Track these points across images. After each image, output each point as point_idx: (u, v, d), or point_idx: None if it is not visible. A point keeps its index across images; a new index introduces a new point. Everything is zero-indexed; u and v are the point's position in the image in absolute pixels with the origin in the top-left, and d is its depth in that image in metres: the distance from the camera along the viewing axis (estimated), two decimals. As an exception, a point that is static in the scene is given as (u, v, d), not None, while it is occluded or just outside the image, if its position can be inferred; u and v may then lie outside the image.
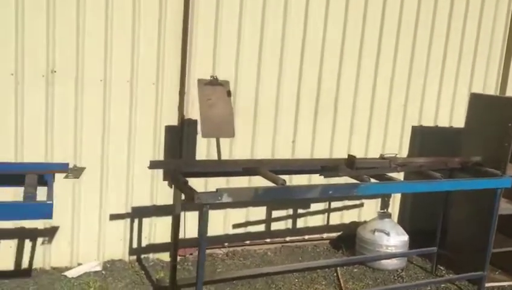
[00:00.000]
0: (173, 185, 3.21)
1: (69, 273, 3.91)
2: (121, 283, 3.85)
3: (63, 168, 2.59)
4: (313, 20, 4.56)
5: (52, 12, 3.72)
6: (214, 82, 3.56)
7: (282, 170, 3.42)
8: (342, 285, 4.10)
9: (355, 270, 4.47)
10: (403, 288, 4.06)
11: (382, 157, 3.77)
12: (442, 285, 4.27)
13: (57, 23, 3.75)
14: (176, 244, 3.39)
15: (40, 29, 3.71)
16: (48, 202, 2.15)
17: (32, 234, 3.89)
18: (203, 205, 2.83)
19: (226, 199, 2.86)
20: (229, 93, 3.59)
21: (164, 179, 3.26)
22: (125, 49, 3.98)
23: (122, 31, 3.95)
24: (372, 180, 3.40)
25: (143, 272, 4.11)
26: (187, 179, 3.01)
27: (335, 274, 4.32)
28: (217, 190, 2.85)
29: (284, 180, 3.05)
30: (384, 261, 4.50)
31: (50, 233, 3.95)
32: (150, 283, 3.93)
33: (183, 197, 3.12)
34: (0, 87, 3.65)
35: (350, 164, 3.46)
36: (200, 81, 3.55)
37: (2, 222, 3.60)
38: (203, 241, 2.91)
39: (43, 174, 2.47)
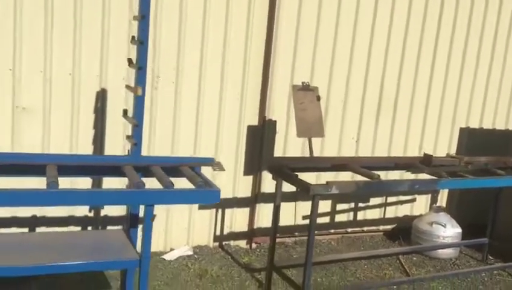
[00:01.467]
0: (278, 178, 3.66)
1: (167, 257, 4.36)
2: (215, 266, 4.31)
3: (208, 161, 3.04)
4: (379, 31, 5.01)
5: (159, 22, 4.17)
6: (305, 88, 4.02)
7: (366, 167, 3.87)
8: (408, 271, 4.57)
9: (414, 258, 4.94)
10: (463, 274, 4.53)
11: (450, 156, 4.24)
12: (495, 272, 4.74)
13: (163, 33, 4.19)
14: (275, 229, 3.84)
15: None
16: (216, 189, 2.60)
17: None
18: (314, 195, 3.29)
19: (334, 190, 3.33)
20: (318, 98, 4.04)
21: (269, 172, 3.72)
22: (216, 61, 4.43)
23: (216, 42, 4.39)
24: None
25: (229, 256, 4.57)
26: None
27: (398, 261, 4.79)
28: (327, 182, 3.32)
29: (379, 175, 3.52)
30: (440, 251, 4.97)
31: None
32: (239, 265, 4.38)
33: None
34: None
35: (427, 162, 3.93)
36: (294, 86, 4.01)
37: (111, 210, 4.09)
38: (312, 227, 3.37)
39: (194, 166, 2.91)
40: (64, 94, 3.96)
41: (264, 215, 4.88)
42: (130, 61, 3.13)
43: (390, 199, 5.50)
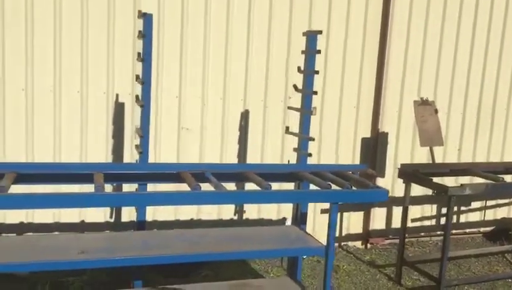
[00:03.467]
0: (409, 182, 4.21)
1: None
2: (342, 262, 4.87)
3: (363, 168, 3.64)
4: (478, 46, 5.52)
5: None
6: (424, 102, 4.58)
7: (485, 171, 4.36)
8: (518, 267, 5.00)
9: (520, 256, 5.34)
10: None
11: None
12: None
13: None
14: (404, 229, 4.38)
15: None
16: (385, 189, 3.19)
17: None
18: (451, 196, 3.82)
19: (467, 191, 3.85)
20: (436, 111, 4.59)
21: (400, 177, 4.28)
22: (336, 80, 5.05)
23: (335, 67, 5.02)
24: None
25: (351, 255, 5.13)
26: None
27: (505, 259, 5.21)
28: (461, 185, 3.85)
29: (503, 177, 4.02)
30: (545, 249, 5.35)
31: (281, 223, 5.04)
32: (364, 262, 4.93)
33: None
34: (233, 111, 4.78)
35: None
36: (415, 102, 4.59)
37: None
38: (448, 226, 3.89)
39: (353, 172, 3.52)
40: (215, 115, 4.68)
41: (377, 218, 5.42)
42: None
43: (490, 203, 5.92)
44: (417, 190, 4.72)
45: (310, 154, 3.58)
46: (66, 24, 4.18)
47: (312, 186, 3.37)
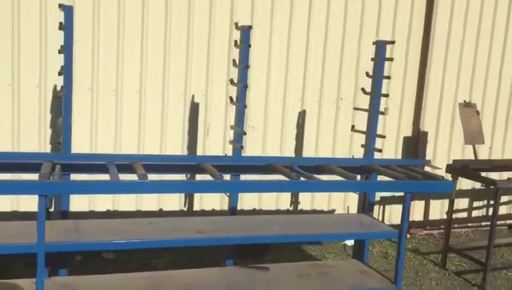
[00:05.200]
0: (458, 177, 4.69)
1: (347, 243, 5.44)
2: (389, 249, 5.35)
3: (422, 163, 4.13)
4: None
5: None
6: (467, 104, 5.08)
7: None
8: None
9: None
10: None
11: None
12: None
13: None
14: (450, 219, 4.87)
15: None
16: (451, 181, 3.68)
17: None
18: (499, 188, 4.31)
19: (512, 184, 4.35)
20: (477, 113, 5.09)
21: (449, 172, 4.76)
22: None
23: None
24: None
25: (395, 243, 5.58)
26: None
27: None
28: (508, 178, 4.34)
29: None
30: None
31: (331, 213, 5.52)
32: (408, 250, 5.42)
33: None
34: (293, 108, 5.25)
35: None
36: (460, 104, 5.08)
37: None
38: (495, 216, 4.37)
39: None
40: (276, 114, 5.15)
41: (415, 211, 5.91)
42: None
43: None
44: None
45: (380, 150, 4.06)
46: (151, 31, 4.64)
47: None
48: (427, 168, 4.27)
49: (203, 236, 3.30)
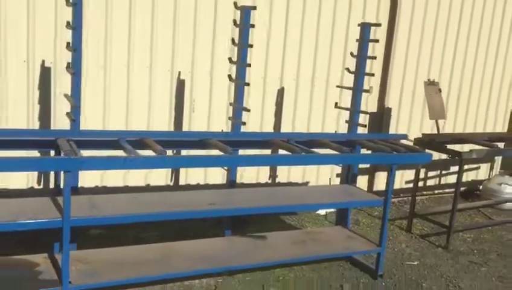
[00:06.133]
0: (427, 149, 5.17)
1: (321, 212, 5.82)
2: (359, 217, 5.79)
3: (403, 137, 4.52)
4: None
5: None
6: (431, 83, 5.55)
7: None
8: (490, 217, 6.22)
9: (489, 210, 6.56)
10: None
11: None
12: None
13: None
14: (416, 187, 5.37)
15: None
16: (430, 153, 4.10)
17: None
18: (462, 159, 4.82)
19: (474, 155, 4.87)
20: (439, 90, 5.57)
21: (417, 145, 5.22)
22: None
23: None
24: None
25: (363, 212, 6.07)
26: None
27: (480, 212, 6.42)
28: (470, 150, 4.86)
29: (496, 144, 5.09)
30: (508, 204, 6.62)
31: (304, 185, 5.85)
32: (375, 217, 5.89)
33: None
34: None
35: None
36: (425, 82, 5.53)
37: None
38: (458, 185, 4.89)
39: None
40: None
41: (380, 181, 6.39)
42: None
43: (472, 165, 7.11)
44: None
45: (365, 125, 4.40)
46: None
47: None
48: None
49: (216, 208, 3.49)
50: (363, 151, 4.44)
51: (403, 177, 6.62)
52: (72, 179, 3.49)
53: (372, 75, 4.41)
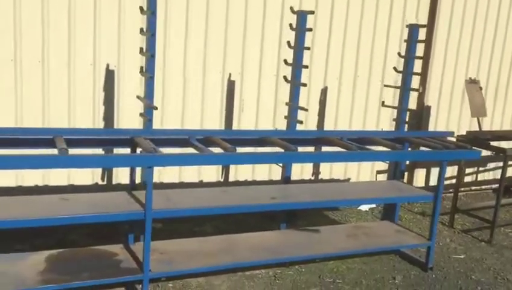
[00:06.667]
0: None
1: (362, 208, 6.00)
2: (401, 213, 5.94)
3: (449, 135, 4.67)
4: None
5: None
6: (472, 81, 5.68)
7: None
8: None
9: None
10: None
11: None
12: None
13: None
14: (458, 184, 5.50)
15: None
16: (479, 150, 4.25)
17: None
18: (507, 155, 4.95)
19: (517, 152, 4.99)
20: (480, 88, 5.70)
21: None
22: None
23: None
24: None
25: (403, 208, 6.22)
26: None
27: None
28: (514, 147, 4.99)
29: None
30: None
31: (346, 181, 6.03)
32: (415, 213, 6.04)
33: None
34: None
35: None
36: (466, 81, 5.66)
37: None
38: (502, 180, 5.01)
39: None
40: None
41: (419, 178, 6.53)
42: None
43: (499, 164, 7.19)
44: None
45: (413, 123, 4.56)
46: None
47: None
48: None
49: (278, 201, 3.70)
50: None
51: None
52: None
53: (420, 74, 4.57)
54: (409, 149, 4.55)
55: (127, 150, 3.56)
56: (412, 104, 6.32)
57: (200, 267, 3.49)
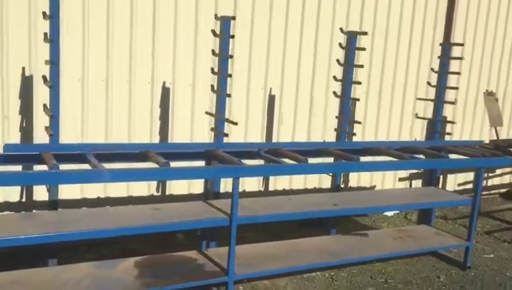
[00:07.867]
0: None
1: (388, 213, 6.36)
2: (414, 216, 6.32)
3: (480, 143, 5.08)
4: None
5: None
6: (489, 93, 6.13)
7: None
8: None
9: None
10: None
11: None
12: None
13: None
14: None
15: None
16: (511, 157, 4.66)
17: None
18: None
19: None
20: (496, 100, 6.15)
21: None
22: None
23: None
24: None
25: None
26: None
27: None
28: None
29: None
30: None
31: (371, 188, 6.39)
32: (437, 217, 6.43)
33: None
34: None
35: None
36: (484, 93, 6.11)
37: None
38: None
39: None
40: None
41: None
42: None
43: (506, 169, 7.67)
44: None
45: (450, 133, 4.96)
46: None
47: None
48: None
49: (339, 208, 4.03)
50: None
51: (456, 181, 7.18)
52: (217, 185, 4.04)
53: (456, 88, 4.99)
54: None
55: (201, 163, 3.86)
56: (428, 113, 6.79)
57: (278, 268, 3.80)
